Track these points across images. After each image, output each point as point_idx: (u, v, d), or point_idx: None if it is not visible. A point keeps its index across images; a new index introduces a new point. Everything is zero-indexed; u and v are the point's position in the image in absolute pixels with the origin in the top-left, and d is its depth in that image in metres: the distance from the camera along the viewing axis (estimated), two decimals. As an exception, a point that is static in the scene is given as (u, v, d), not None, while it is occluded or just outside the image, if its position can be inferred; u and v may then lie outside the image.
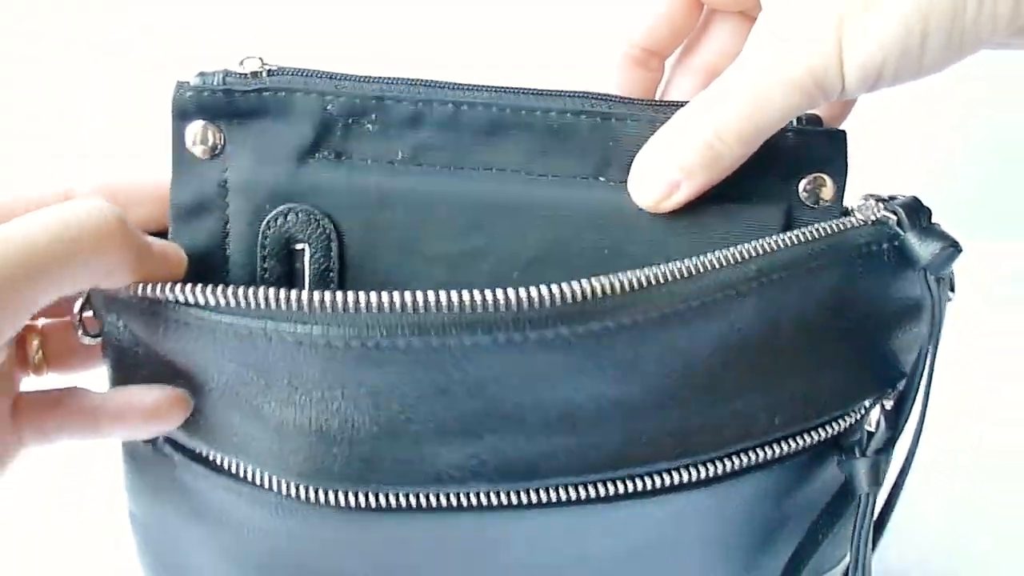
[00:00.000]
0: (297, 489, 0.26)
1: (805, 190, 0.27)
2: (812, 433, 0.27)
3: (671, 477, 0.26)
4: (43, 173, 0.26)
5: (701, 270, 0.24)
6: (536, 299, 0.23)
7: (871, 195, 0.27)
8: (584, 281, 0.23)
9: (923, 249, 0.26)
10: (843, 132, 0.27)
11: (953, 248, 0.26)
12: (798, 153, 0.27)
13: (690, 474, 0.26)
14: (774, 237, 0.25)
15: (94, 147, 0.55)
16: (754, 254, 0.25)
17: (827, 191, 0.27)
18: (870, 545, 0.29)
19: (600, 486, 0.26)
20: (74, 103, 0.56)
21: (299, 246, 0.26)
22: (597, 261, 0.26)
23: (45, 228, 0.22)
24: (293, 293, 0.23)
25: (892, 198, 0.27)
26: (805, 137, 0.27)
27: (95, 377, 0.27)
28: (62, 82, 0.56)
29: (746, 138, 0.25)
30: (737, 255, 0.24)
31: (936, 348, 0.27)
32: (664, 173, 0.26)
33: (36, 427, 0.25)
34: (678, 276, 0.24)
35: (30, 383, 0.26)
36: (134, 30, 0.56)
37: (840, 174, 0.27)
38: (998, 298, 0.51)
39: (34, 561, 0.38)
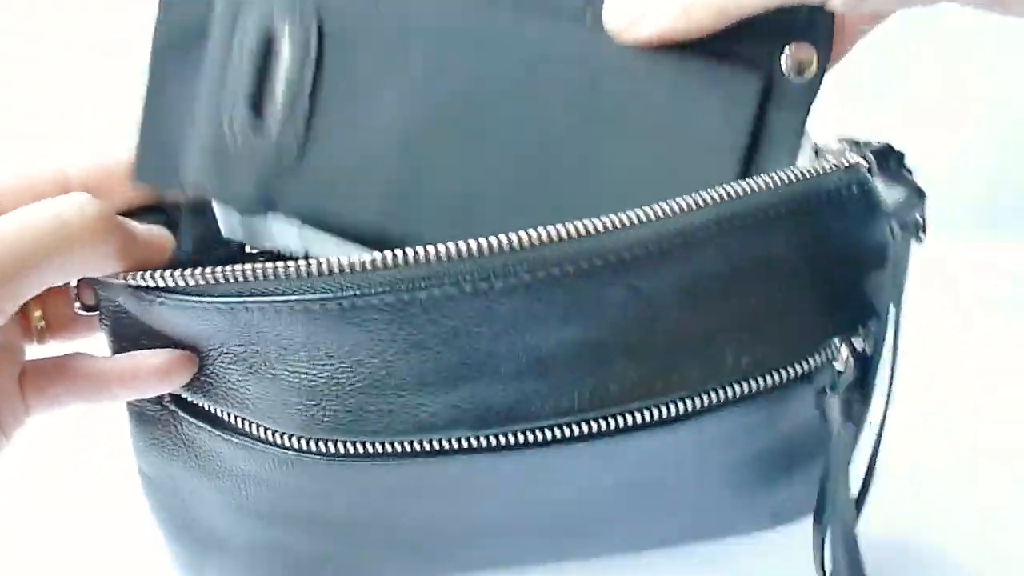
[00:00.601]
0: (291, 439, 0.27)
1: (787, 61, 0.27)
2: (782, 371, 0.28)
3: (643, 415, 0.27)
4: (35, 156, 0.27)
5: (659, 215, 0.25)
6: (497, 247, 0.24)
7: (844, 138, 0.27)
8: (542, 228, 0.24)
9: (888, 195, 0.26)
10: (830, 11, 0.27)
11: (918, 196, 0.26)
12: (780, 21, 0.26)
13: (660, 412, 0.27)
14: (737, 183, 0.25)
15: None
16: (714, 199, 0.25)
17: (810, 64, 0.27)
18: (848, 483, 0.29)
19: (576, 426, 0.27)
20: (74, 103, 0.56)
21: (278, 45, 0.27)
22: (573, 95, 0.27)
23: (38, 224, 0.23)
24: (269, 266, 0.24)
25: (866, 143, 0.27)
26: (788, 10, 0.26)
27: (98, 344, 0.28)
28: (62, 82, 0.56)
29: (716, 9, 0.25)
30: (697, 201, 0.25)
31: (901, 293, 0.28)
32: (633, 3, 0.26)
33: (43, 393, 0.26)
34: (635, 221, 0.24)
35: (34, 352, 0.27)
36: (134, 31, 0.56)
37: (824, 47, 0.27)
38: (994, 299, 0.51)
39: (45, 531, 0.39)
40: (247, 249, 0.29)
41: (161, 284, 0.24)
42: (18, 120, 0.55)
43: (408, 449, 0.27)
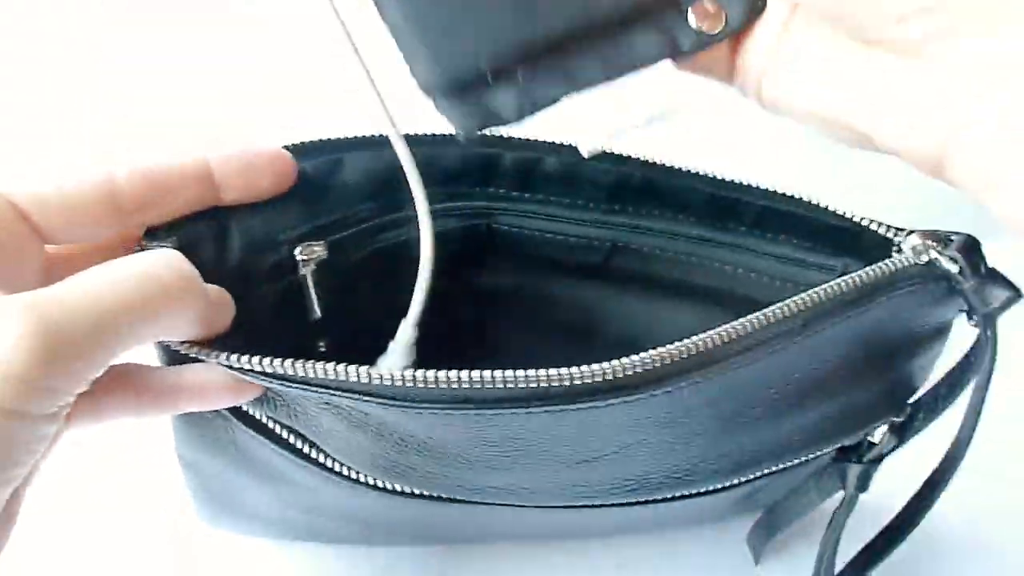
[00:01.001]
0: (355, 473, 0.28)
1: (699, 7, 0.24)
2: (827, 448, 0.29)
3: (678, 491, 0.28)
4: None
5: (747, 331, 0.23)
6: (582, 376, 0.23)
7: (922, 232, 0.26)
8: (627, 359, 0.23)
9: (986, 297, 0.25)
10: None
11: (1017, 296, 0.26)
12: None
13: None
14: (822, 288, 0.24)
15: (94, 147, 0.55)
16: (804, 306, 0.24)
17: (712, 28, 0.24)
18: (839, 537, 0.31)
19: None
20: (74, 103, 0.56)
21: None
22: None
23: (127, 282, 0.21)
24: (363, 371, 0.23)
25: (947, 240, 0.26)
26: None
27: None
28: (62, 82, 0.56)
29: None
30: (783, 311, 0.24)
31: (987, 388, 0.28)
32: None
33: (93, 406, 0.24)
34: (721, 341, 0.23)
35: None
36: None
37: (732, 28, 0.24)
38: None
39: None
40: (296, 255, 0.28)
41: (235, 366, 0.23)
42: (18, 120, 0.55)
43: (456, 498, 0.28)
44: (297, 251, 0.28)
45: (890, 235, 0.27)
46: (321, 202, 0.28)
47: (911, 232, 0.26)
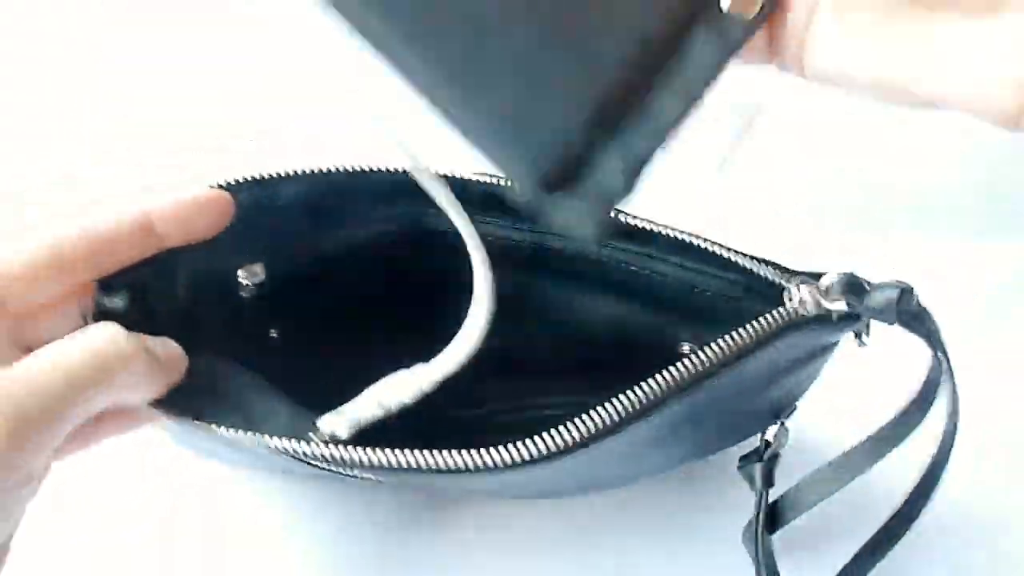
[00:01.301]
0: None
1: None
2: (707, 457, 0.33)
3: None
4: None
5: (643, 401, 0.25)
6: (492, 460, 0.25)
7: (807, 286, 0.28)
8: (531, 442, 0.25)
9: (882, 306, 0.26)
10: None
11: (906, 290, 0.26)
12: None
13: None
14: (709, 350, 0.26)
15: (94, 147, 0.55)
16: (690, 372, 0.26)
17: (750, 8, 0.23)
18: (767, 537, 0.32)
19: None
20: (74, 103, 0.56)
21: None
22: None
23: (74, 362, 0.23)
24: (300, 445, 0.25)
25: (827, 288, 0.27)
26: None
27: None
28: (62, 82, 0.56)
29: None
30: (669, 380, 0.25)
31: (955, 392, 0.29)
32: None
33: (79, 438, 0.25)
34: (620, 414, 0.25)
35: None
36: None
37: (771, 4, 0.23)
38: (994, 299, 0.50)
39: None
40: (240, 278, 0.30)
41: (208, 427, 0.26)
42: (18, 120, 0.55)
43: None
44: (240, 273, 0.30)
45: (780, 281, 0.29)
46: (260, 228, 0.30)
47: (800, 282, 0.28)
